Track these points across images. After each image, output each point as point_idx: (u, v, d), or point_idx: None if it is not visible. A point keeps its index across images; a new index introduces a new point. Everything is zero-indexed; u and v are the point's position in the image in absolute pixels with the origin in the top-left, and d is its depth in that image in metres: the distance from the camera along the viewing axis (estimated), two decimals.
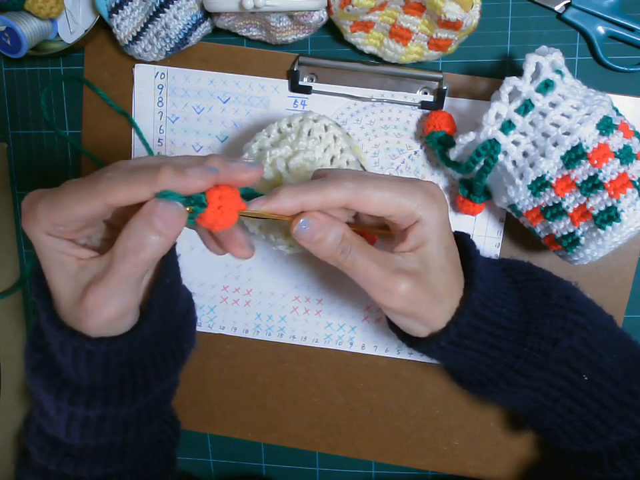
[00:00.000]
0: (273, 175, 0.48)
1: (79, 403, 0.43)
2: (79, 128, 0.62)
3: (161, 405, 0.51)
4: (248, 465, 0.67)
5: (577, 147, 0.45)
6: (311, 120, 0.50)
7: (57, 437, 0.47)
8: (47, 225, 0.36)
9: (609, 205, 0.44)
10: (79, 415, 0.44)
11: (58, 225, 0.36)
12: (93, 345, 0.40)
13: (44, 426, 0.48)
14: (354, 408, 0.63)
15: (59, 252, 0.37)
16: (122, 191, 0.34)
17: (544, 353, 0.43)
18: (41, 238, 0.37)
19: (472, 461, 0.62)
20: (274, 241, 0.50)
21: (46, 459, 0.48)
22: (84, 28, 0.58)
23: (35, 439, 0.49)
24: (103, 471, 0.49)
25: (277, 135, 0.51)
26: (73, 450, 0.48)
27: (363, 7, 0.48)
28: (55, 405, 0.44)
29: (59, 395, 0.43)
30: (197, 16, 0.54)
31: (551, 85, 0.45)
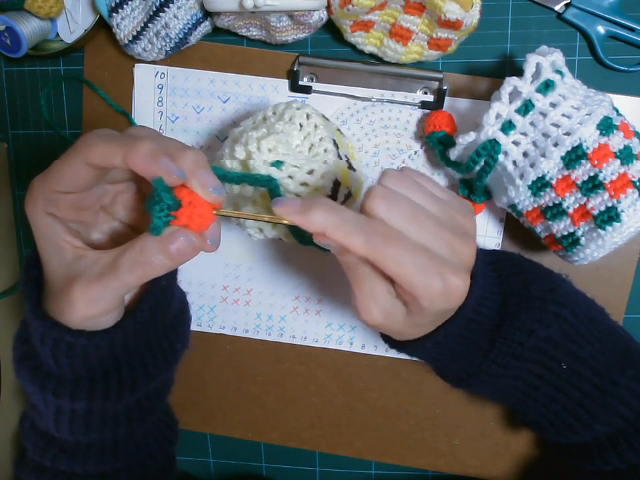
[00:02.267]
0: (244, 154, 0.47)
1: (63, 395, 0.43)
2: (79, 128, 0.62)
3: (153, 403, 0.51)
4: (248, 465, 0.67)
5: (577, 147, 0.45)
6: (294, 107, 0.50)
7: (49, 432, 0.47)
8: (42, 199, 0.37)
9: (609, 205, 0.44)
10: (65, 408, 0.44)
11: (52, 198, 0.37)
12: (73, 337, 0.40)
13: (36, 421, 0.48)
14: (354, 408, 0.63)
15: (55, 236, 0.38)
16: (98, 150, 0.35)
17: (519, 343, 0.43)
18: (39, 220, 0.38)
19: (472, 460, 0.63)
20: (242, 222, 0.50)
21: (40, 455, 0.48)
22: (84, 27, 0.57)
23: (29, 435, 0.49)
24: (97, 468, 0.49)
25: (262, 122, 0.51)
26: (66, 445, 0.48)
27: (362, 6, 0.48)
28: (41, 397, 0.44)
29: (44, 386, 0.43)
30: (196, 15, 0.54)
31: (551, 85, 0.45)
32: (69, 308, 0.38)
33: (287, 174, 0.47)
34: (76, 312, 0.38)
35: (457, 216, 0.40)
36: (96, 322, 0.40)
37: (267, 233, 0.51)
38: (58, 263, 0.39)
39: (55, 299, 0.39)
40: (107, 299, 0.38)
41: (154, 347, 0.47)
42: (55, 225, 0.38)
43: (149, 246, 0.36)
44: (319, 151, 0.50)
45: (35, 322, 0.41)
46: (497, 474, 0.62)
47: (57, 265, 0.39)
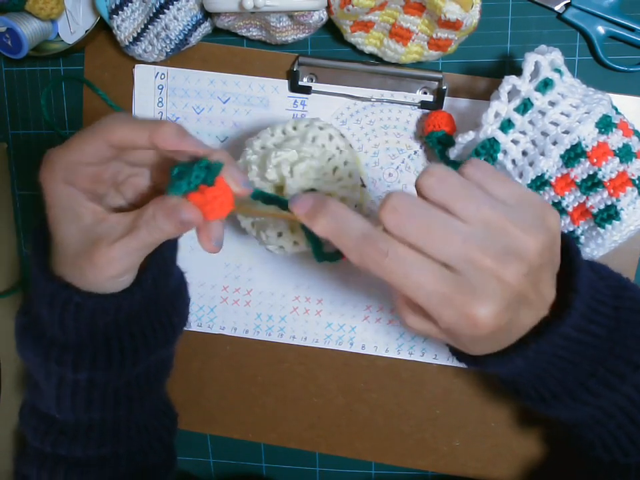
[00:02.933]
0: (276, 177, 0.48)
1: (67, 362, 0.43)
2: (78, 128, 0.62)
3: (152, 383, 0.51)
4: (248, 465, 0.67)
5: (576, 145, 0.45)
6: (317, 127, 0.51)
7: (50, 413, 0.48)
8: (61, 170, 0.38)
9: (609, 204, 0.44)
10: (68, 380, 0.45)
11: (72, 169, 0.38)
12: (82, 299, 0.40)
13: (37, 403, 0.49)
14: (354, 408, 0.63)
15: (75, 203, 0.39)
16: (122, 131, 0.37)
17: (621, 376, 0.40)
18: (57, 188, 0.39)
19: (472, 461, 0.62)
20: (265, 240, 0.50)
21: (40, 440, 0.49)
22: (84, 29, 0.58)
23: (29, 421, 0.50)
24: (97, 451, 0.49)
25: (282, 135, 0.51)
26: (67, 427, 0.48)
27: (362, 6, 0.48)
28: (44, 368, 0.45)
29: (47, 354, 0.44)
30: (196, 16, 0.54)
31: (550, 84, 0.45)
32: (93, 268, 0.39)
33: None
34: (99, 271, 0.39)
35: (510, 229, 0.34)
36: (113, 283, 0.41)
37: (287, 249, 0.50)
38: (76, 229, 0.39)
39: (74, 262, 0.40)
40: (128, 258, 0.39)
41: (153, 319, 0.48)
42: (74, 194, 0.39)
43: (159, 212, 0.37)
44: (343, 175, 0.51)
45: (44, 284, 0.41)
46: (497, 475, 0.62)
47: (74, 230, 0.39)
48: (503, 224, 0.34)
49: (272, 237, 0.49)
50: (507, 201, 0.35)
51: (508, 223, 0.34)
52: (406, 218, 0.33)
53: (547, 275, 0.37)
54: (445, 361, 0.60)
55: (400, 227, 0.33)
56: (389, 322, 0.60)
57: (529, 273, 0.34)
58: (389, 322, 0.60)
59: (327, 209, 0.35)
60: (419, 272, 0.33)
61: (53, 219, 0.40)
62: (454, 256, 0.33)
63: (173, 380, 0.56)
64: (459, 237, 0.33)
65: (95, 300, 0.41)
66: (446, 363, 0.60)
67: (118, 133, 0.37)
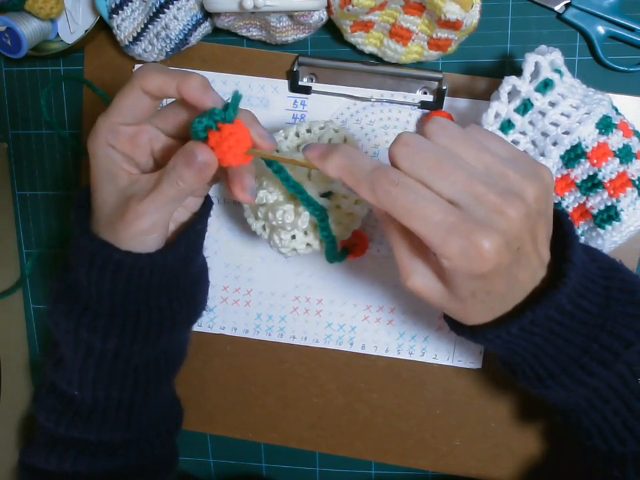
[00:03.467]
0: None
1: (98, 329, 0.46)
2: (79, 128, 0.62)
3: (169, 366, 0.53)
4: (248, 465, 0.67)
5: (577, 146, 0.45)
6: (332, 129, 0.51)
7: (69, 392, 0.50)
8: (104, 133, 0.41)
9: (609, 204, 0.44)
10: (96, 349, 0.47)
11: (114, 130, 0.41)
12: (121, 256, 0.43)
13: (56, 381, 0.51)
14: (354, 408, 0.63)
15: (114, 164, 0.42)
16: (155, 78, 0.40)
17: (614, 353, 0.40)
18: (101, 150, 0.42)
19: (472, 461, 0.62)
20: (278, 243, 0.50)
21: (55, 421, 0.50)
22: (84, 28, 0.58)
23: (45, 401, 0.51)
24: (110, 435, 0.51)
25: (295, 138, 0.51)
26: (83, 408, 0.50)
27: (362, 6, 0.48)
28: (73, 338, 0.47)
29: (80, 320, 0.46)
30: (196, 16, 0.54)
31: (550, 84, 0.45)
32: (123, 224, 0.41)
33: (335, 204, 0.48)
34: (131, 228, 0.41)
35: (510, 174, 0.36)
36: (143, 240, 0.43)
37: (300, 252, 0.51)
38: (113, 190, 0.42)
39: (108, 221, 0.43)
40: (155, 213, 0.41)
41: (180, 293, 0.50)
42: (114, 155, 0.42)
43: (178, 160, 0.39)
44: None
45: (85, 244, 0.43)
46: (497, 475, 0.62)
47: (111, 190, 0.42)
48: (502, 169, 0.36)
49: (285, 239, 0.49)
50: (503, 154, 0.37)
51: (506, 169, 0.36)
52: (416, 151, 0.35)
53: (543, 230, 0.38)
54: (444, 361, 0.60)
55: (410, 159, 0.35)
56: (389, 322, 0.60)
57: (528, 214, 0.35)
58: (389, 322, 0.60)
59: (339, 148, 0.37)
60: (427, 202, 0.34)
61: (93, 181, 0.43)
62: (460, 190, 0.34)
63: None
64: (465, 172, 0.35)
65: (133, 257, 0.43)
66: (446, 362, 0.60)
67: (151, 80, 0.40)
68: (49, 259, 0.65)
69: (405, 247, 0.38)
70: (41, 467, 0.53)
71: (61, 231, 0.64)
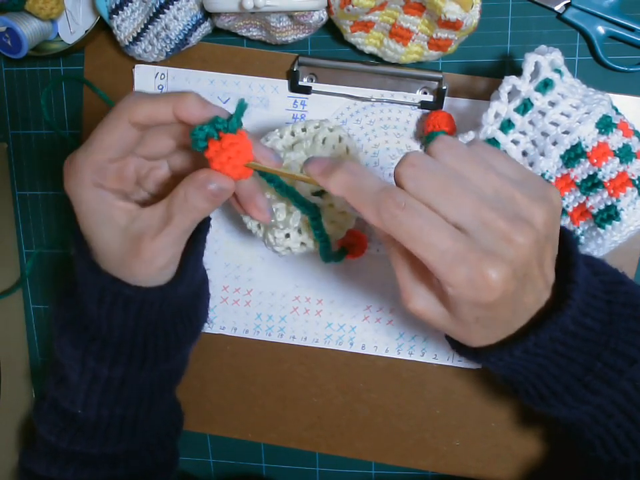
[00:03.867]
0: (286, 179, 0.48)
1: (106, 358, 0.45)
2: (79, 128, 0.62)
3: (172, 380, 0.53)
4: (248, 465, 0.67)
5: (577, 145, 0.45)
6: (327, 128, 0.51)
7: (71, 410, 0.49)
8: (89, 174, 0.38)
9: (609, 204, 0.44)
10: (102, 376, 0.46)
11: (99, 169, 0.38)
12: (132, 291, 0.41)
13: (59, 399, 0.50)
14: (354, 408, 0.63)
15: (107, 205, 0.39)
16: (145, 108, 0.37)
17: (618, 371, 0.40)
18: (86, 194, 0.39)
19: (472, 461, 0.62)
20: (272, 241, 0.50)
21: (57, 436, 0.49)
22: (84, 28, 0.58)
23: (47, 416, 0.51)
24: (113, 448, 0.50)
25: (290, 137, 0.51)
26: (86, 425, 0.49)
27: (363, 6, 0.48)
28: (80, 364, 0.46)
29: (87, 349, 0.45)
30: (196, 16, 0.54)
31: (550, 84, 0.45)
32: (142, 263, 0.40)
33: (328, 202, 0.48)
34: (149, 265, 0.40)
35: (518, 197, 0.34)
36: (161, 275, 0.42)
37: (295, 251, 0.51)
38: (114, 231, 0.40)
39: (121, 263, 0.41)
40: (173, 246, 0.40)
41: (183, 314, 0.49)
42: (105, 195, 0.39)
43: (192, 186, 0.37)
44: None
45: (94, 280, 0.42)
46: (497, 475, 0.62)
47: (112, 233, 0.40)
48: (511, 192, 0.34)
49: (280, 238, 0.49)
50: (511, 174, 0.36)
51: (515, 192, 0.34)
52: (423, 172, 0.34)
53: (549, 254, 0.37)
54: (445, 361, 0.60)
55: (416, 181, 0.34)
56: (389, 322, 0.60)
57: (537, 240, 0.34)
58: (389, 322, 0.60)
59: (343, 165, 0.36)
60: (433, 228, 0.33)
61: (87, 226, 0.40)
62: (468, 216, 0.33)
63: None
64: (473, 196, 0.33)
65: (144, 292, 0.42)
66: (446, 362, 0.60)
67: (141, 110, 0.37)
68: (49, 258, 0.65)
69: (407, 269, 0.37)
70: (41, 474, 0.52)
71: (60, 231, 0.64)
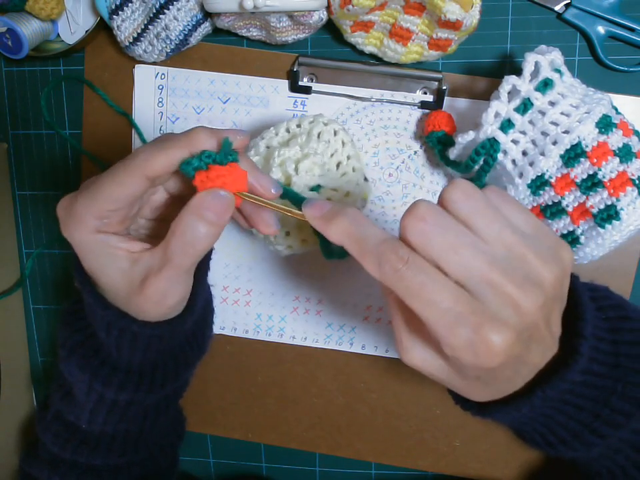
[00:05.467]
0: (281, 175, 0.49)
1: (113, 384, 0.44)
2: (79, 128, 0.62)
3: (178, 395, 0.53)
4: (248, 465, 0.67)
5: (576, 145, 0.45)
6: (321, 123, 0.51)
7: (76, 423, 0.48)
8: (92, 221, 0.37)
9: (609, 204, 0.44)
10: (108, 399, 0.45)
11: (104, 218, 0.37)
12: (139, 327, 0.41)
13: (63, 412, 0.49)
14: (354, 408, 0.63)
15: (110, 248, 0.38)
16: (159, 159, 0.36)
17: (626, 415, 0.38)
18: (89, 239, 0.38)
19: (473, 461, 0.62)
20: (272, 240, 0.50)
21: (60, 447, 0.49)
22: (84, 29, 0.58)
23: (50, 426, 0.50)
24: (116, 461, 0.50)
25: (286, 134, 0.51)
26: (90, 438, 0.49)
27: (362, 6, 0.48)
28: (86, 386, 0.45)
29: (95, 374, 0.44)
30: (196, 17, 0.54)
31: (550, 84, 0.45)
32: (150, 303, 0.39)
33: (325, 197, 0.48)
34: (159, 306, 0.40)
35: (530, 258, 0.33)
36: (171, 310, 0.41)
37: (296, 249, 0.51)
38: (117, 272, 0.39)
39: (128, 302, 0.40)
40: (178, 286, 0.39)
41: (190, 336, 0.49)
42: (108, 239, 0.38)
43: (185, 222, 0.36)
44: (347, 170, 0.51)
45: (101, 313, 0.41)
46: (497, 475, 0.62)
47: (116, 274, 0.39)
48: (524, 251, 0.32)
49: (280, 236, 0.49)
50: (524, 229, 0.34)
51: (528, 251, 0.33)
52: (434, 230, 0.32)
53: (557, 311, 0.35)
54: None
55: (425, 238, 0.32)
56: (389, 322, 0.60)
57: (544, 304, 0.32)
58: (389, 322, 0.60)
59: (345, 212, 0.34)
60: (436, 287, 0.31)
61: (89, 265, 0.40)
62: (476, 276, 0.31)
63: None
64: (484, 258, 0.32)
65: (152, 327, 0.41)
66: None
67: (157, 165, 0.36)
68: (49, 258, 0.65)
69: (404, 321, 0.35)
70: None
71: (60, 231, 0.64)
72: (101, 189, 0.37)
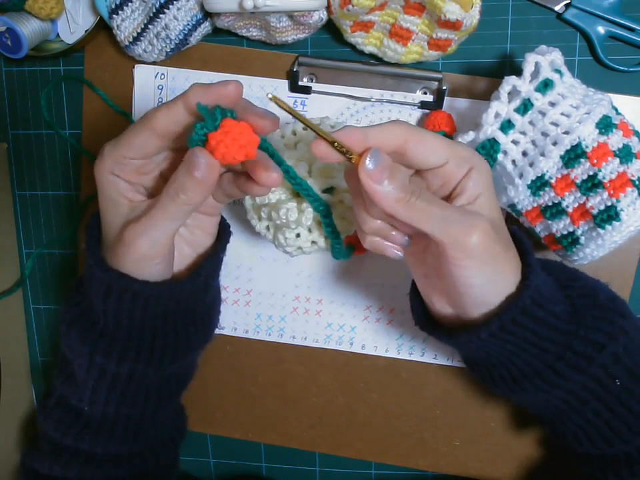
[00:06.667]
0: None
1: (113, 354, 0.46)
2: (79, 128, 0.62)
3: (180, 384, 0.54)
4: (248, 465, 0.67)
5: (577, 146, 0.45)
6: (328, 125, 0.51)
7: (78, 406, 0.50)
8: (110, 162, 0.41)
9: (609, 204, 0.44)
10: (109, 372, 0.47)
11: (120, 162, 0.41)
12: (139, 286, 0.43)
13: (66, 395, 0.51)
14: (354, 408, 0.63)
15: (117, 191, 0.42)
16: (162, 114, 0.39)
17: (588, 358, 0.42)
18: (105, 177, 0.42)
19: (472, 461, 0.62)
20: (283, 242, 0.50)
21: (63, 433, 0.50)
22: (84, 28, 0.58)
23: (53, 413, 0.51)
24: (117, 448, 0.51)
25: (292, 137, 0.51)
26: (92, 422, 0.50)
27: (362, 7, 0.48)
28: (87, 361, 0.47)
29: (95, 346, 0.46)
30: (196, 16, 0.54)
31: (550, 84, 0.45)
32: (123, 247, 0.41)
33: (338, 199, 0.48)
34: (130, 251, 0.41)
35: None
36: (146, 265, 0.43)
37: (306, 250, 0.51)
38: (115, 216, 0.43)
39: (111, 247, 0.43)
40: (151, 232, 0.41)
41: (196, 319, 0.50)
42: (118, 183, 0.42)
43: (177, 175, 0.39)
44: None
45: (101, 275, 0.43)
46: (497, 475, 0.62)
47: (114, 216, 0.43)
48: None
49: (290, 238, 0.49)
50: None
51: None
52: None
53: (504, 230, 0.41)
54: (445, 361, 0.60)
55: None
56: (389, 322, 0.60)
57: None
58: (389, 322, 0.60)
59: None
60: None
61: (100, 205, 0.44)
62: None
63: None
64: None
65: (151, 287, 0.43)
66: (446, 363, 0.60)
67: (159, 118, 0.39)
68: (49, 258, 0.65)
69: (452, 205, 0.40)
70: (44, 473, 0.52)
71: (60, 231, 0.64)
72: (122, 137, 0.41)
